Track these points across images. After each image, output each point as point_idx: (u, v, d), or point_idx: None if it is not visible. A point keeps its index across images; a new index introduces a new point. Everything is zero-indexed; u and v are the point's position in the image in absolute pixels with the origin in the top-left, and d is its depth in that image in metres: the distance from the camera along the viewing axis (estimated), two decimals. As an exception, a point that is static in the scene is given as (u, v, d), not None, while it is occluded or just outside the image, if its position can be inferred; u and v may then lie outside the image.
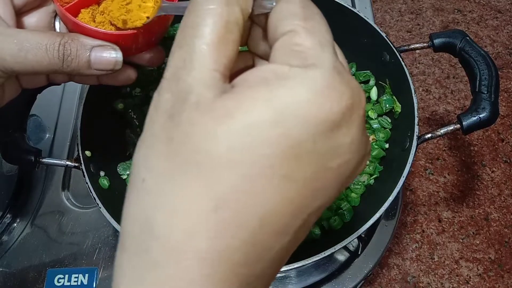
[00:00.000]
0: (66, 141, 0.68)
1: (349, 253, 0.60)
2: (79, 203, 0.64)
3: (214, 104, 0.17)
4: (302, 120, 0.17)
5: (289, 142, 0.17)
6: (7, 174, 0.64)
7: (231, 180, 0.17)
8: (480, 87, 0.50)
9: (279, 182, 0.17)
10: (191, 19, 0.19)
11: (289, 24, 0.19)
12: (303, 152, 0.17)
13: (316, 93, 0.17)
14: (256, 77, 0.18)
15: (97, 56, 0.33)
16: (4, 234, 0.61)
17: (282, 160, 0.17)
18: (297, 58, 0.18)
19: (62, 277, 0.57)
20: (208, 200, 0.17)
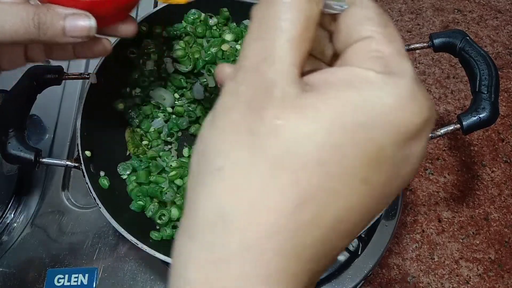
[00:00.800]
0: (66, 141, 0.68)
1: (349, 253, 0.60)
2: (79, 203, 0.64)
3: (301, 101, 0.17)
4: (387, 126, 0.17)
5: (374, 147, 0.17)
6: (7, 174, 0.64)
7: (314, 178, 0.17)
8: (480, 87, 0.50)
9: (358, 185, 0.17)
10: (271, 11, 0.18)
11: (367, 29, 0.19)
12: (383, 158, 0.17)
13: (401, 102, 0.17)
14: (338, 79, 0.18)
15: (71, 24, 0.36)
16: (4, 234, 0.61)
17: (365, 163, 0.17)
18: (379, 64, 0.18)
19: (62, 277, 0.57)
20: (291, 197, 0.17)
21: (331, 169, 0.17)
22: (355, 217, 0.18)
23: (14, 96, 0.52)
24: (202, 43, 0.63)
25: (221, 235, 0.17)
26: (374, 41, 0.19)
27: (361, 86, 0.18)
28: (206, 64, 0.61)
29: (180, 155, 0.61)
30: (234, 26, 0.66)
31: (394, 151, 0.18)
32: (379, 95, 0.17)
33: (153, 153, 0.59)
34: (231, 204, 0.17)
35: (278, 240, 0.16)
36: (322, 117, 0.17)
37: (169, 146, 0.61)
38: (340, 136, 0.17)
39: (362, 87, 0.17)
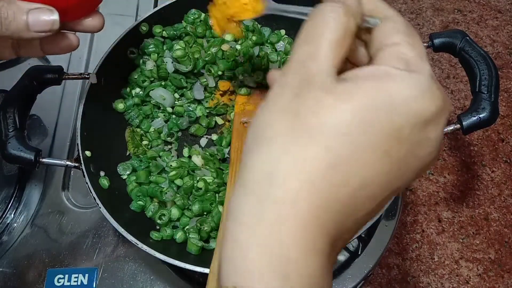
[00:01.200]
0: (66, 141, 0.68)
1: (349, 253, 0.60)
2: (79, 203, 0.64)
3: (336, 87, 0.22)
4: (406, 111, 0.21)
5: (395, 126, 0.21)
6: (7, 174, 0.64)
7: (345, 146, 0.21)
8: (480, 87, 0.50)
9: (381, 155, 0.21)
10: (318, 22, 0.24)
11: (396, 38, 0.24)
12: (402, 137, 0.22)
13: (419, 92, 0.22)
14: (369, 73, 0.23)
15: (35, 18, 0.36)
16: (4, 234, 0.61)
17: (387, 138, 0.21)
18: (403, 63, 0.23)
19: (62, 277, 0.57)
20: (325, 160, 0.21)
21: (358, 140, 0.21)
22: (378, 183, 0.22)
23: (14, 96, 0.52)
24: (202, 43, 0.63)
25: (267, 186, 0.21)
26: (401, 47, 0.24)
27: (386, 78, 0.22)
28: (206, 64, 0.61)
29: (180, 155, 0.61)
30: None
31: (411, 132, 0.22)
32: (401, 86, 0.22)
33: (153, 153, 0.59)
34: (275, 164, 0.21)
35: (311, 193, 0.21)
36: (352, 100, 0.21)
37: (169, 146, 0.61)
38: (366, 115, 0.21)
39: (387, 78, 0.22)
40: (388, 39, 0.25)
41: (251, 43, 0.63)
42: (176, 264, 0.47)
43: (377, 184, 0.22)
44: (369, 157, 0.21)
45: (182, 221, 0.54)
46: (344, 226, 0.22)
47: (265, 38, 0.65)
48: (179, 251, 0.52)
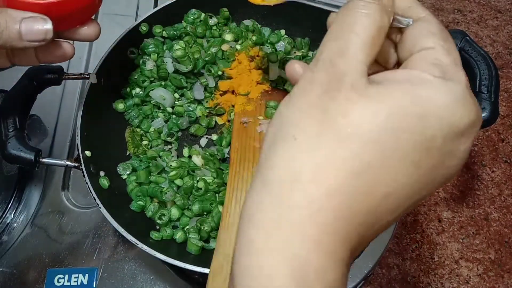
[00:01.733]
0: (66, 141, 0.68)
1: (349, 253, 0.59)
2: (79, 203, 0.64)
3: (367, 89, 0.21)
4: (440, 120, 0.20)
5: (427, 135, 0.20)
6: (7, 174, 0.64)
7: (372, 153, 0.20)
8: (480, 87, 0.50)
9: (409, 166, 0.20)
10: (349, 18, 0.22)
11: (430, 41, 0.23)
12: (433, 147, 0.21)
13: (454, 102, 0.21)
14: (401, 77, 0.22)
15: (27, 27, 0.35)
16: (4, 234, 0.61)
17: (417, 148, 0.20)
18: (437, 70, 0.22)
19: (62, 277, 0.57)
20: (350, 167, 0.20)
21: (387, 148, 0.20)
22: (402, 195, 0.21)
23: (14, 96, 0.52)
24: (202, 43, 0.63)
25: (289, 188, 0.20)
26: (435, 52, 0.23)
27: (420, 84, 0.21)
28: (206, 64, 0.61)
29: (180, 155, 0.61)
30: (234, 26, 0.66)
31: (443, 143, 0.21)
32: (436, 94, 0.21)
33: (153, 153, 0.59)
34: (300, 165, 0.20)
35: (335, 201, 0.20)
36: (384, 104, 0.20)
37: (169, 146, 0.61)
38: (398, 121, 0.20)
39: (421, 85, 0.21)
40: (421, 42, 0.23)
41: (251, 43, 0.63)
42: (176, 264, 0.47)
43: (401, 195, 0.21)
44: (397, 166, 0.20)
45: (182, 221, 0.54)
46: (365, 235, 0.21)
47: (265, 38, 0.65)
48: (179, 251, 0.52)
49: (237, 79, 0.62)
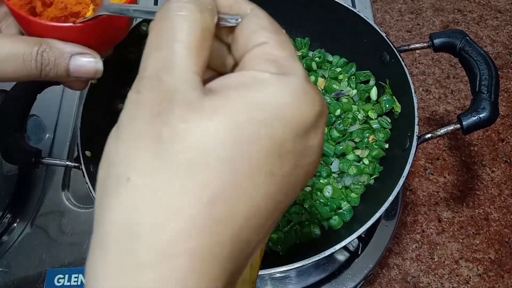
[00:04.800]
0: (66, 141, 0.68)
1: (349, 253, 0.60)
2: (79, 203, 0.64)
3: (202, 104, 0.18)
4: (285, 122, 0.18)
5: (275, 142, 0.18)
6: (7, 174, 0.64)
7: (222, 176, 0.17)
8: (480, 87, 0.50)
9: (264, 177, 0.18)
10: (166, 24, 0.20)
11: (262, 36, 0.21)
12: (284, 151, 0.19)
13: (296, 98, 0.19)
14: (237, 81, 0.19)
15: (76, 65, 0.33)
16: (4, 234, 0.61)
17: (268, 157, 0.18)
18: (273, 66, 0.20)
19: (62, 277, 0.57)
20: (200, 197, 0.17)
21: (236, 165, 0.17)
22: (266, 210, 0.18)
23: (14, 96, 0.52)
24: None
25: (130, 245, 0.17)
26: (268, 46, 0.20)
27: (257, 86, 0.19)
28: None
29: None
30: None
31: (294, 144, 0.19)
32: (274, 93, 0.19)
33: (153, 153, 0.59)
34: (138, 213, 0.17)
35: (189, 243, 0.16)
36: (222, 117, 0.18)
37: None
38: (241, 133, 0.17)
39: (258, 87, 0.19)
40: (253, 39, 0.21)
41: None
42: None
43: (264, 211, 0.18)
44: (252, 182, 0.18)
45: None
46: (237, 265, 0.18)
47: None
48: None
49: None
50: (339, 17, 0.61)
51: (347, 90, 0.62)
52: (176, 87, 0.18)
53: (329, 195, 0.56)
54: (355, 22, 0.59)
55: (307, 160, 0.20)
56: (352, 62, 0.64)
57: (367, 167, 0.56)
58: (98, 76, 0.34)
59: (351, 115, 0.59)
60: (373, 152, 0.57)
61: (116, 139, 0.19)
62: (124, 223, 0.17)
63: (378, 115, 0.60)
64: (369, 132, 0.59)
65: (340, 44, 0.65)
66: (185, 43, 0.19)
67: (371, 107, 0.60)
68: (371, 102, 0.62)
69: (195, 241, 0.17)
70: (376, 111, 0.60)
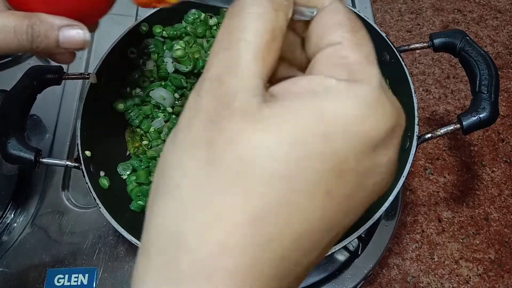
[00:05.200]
0: (66, 141, 0.68)
1: (349, 253, 0.60)
2: (79, 203, 0.64)
3: (261, 112, 0.17)
4: (349, 136, 0.17)
5: (336, 159, 0.16)
6: (7, 174, 0.64)
7: (273, 193, 0.16)
8: (480, 87, 0.50)
9: (322, 198, 0.17)
10: (237, 21, 0.18)
11: (337, 35, 0.19)
12: (347, 169, 0.17)
13: (364, 110, 0.17)
14: (301, 88, 0.18)
15: (65, 36, 0.35)
16: (4, 234, 0.61)
17: (327, 176, 0.16)
18: (345, 71, 0.18)
19: (62, 277, 0.57)
20: (246, 212, 0.16)
21: (292, 182, 0.16)
22: (320, 231, 0.17)
23: (14, 96, 0.52)
24: (202, 43, 0.63)
25: (173, 254, 0.16)
26: (342, 47, 0.19)
27: (323, 95, 0.17)
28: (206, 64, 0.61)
29: (180, 155, 0.61)
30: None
31: (357, 162, 0.17)
32: (341, 104, 0.17)
33: (153, 153, 0.59)
34: (185, 223, 0.16)
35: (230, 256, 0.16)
36: (282, 130, 0.16)
37: (169, 146, 0.61)
38: (300, 148, 0.16)
39: (324, 95, 0.17)
40: (327, 37, 0.19)
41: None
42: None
43: (317, 232, 0.17)
44: (306, 202, 0.16)
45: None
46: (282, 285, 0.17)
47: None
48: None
49: None
50: (339, 17, 0.61)
51: (347, 90, 0.62)
52: (235, 92, 0.17)
53: (329, 195, 0.56)
54: (355, 22, 0.59)
55: (373, 179, 0.18)
56: (352, 62, 0.64)
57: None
58: (86, 46, 0.36)
59: (351, 115, 0.59)
60: (373, 152, 0.57)
61: (172, 143, 0.18)
62: (169, 231, 0.16)
63: (378, 115, 0.60)
64: (369, 132, 0.59)
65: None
66: (253, 44, 0.18)
67: (371, 107, 0.60)
68: (371, 102, 0.62)
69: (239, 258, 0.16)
70: (376, 111, 0.60)
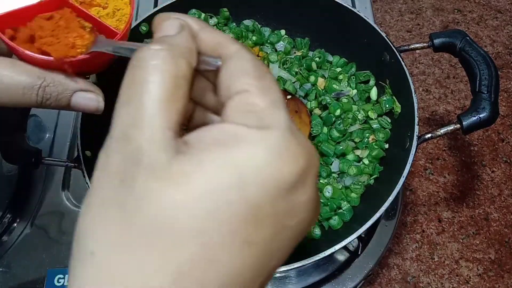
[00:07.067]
0: (66, 141, 0.68)
1: (349, 253, 0.60)
2: (79, 203, 0.64)
3: (170, 167, 0.16)
4: (261, 183, 0.17)
5: (250, 207, 0.16)
6: (7, 174, 0.64)
7: (191, 250, 0.16)
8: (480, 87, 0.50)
9: (240, 248, 0.16)
10: (137, 75, 0.18)
11: (243, 82, 0.19)
12: (263, 215, 0.17)
13: (274, 155, 0.17)
14: (212, 138, 0.18)
15: (78, 102, 0.32)
16: (4, 234, 0.61)
17: (243, 225, 0.16)
18: (253, 118, 0.18)
19: (62, 277, 0.57)
20: (166, 274, 0.15)
21: (208, 237, 0.16)
22: (244, 280, 0.17)
23: (14, 96, 0.52)
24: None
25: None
26: (250, 95, 0.19)
27: (233, 144, 0.17)
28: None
29: (180, 155, 0.61)
30: (234, 26, 0.66)
31: (273, 206, 0.17)
32: (251, 152, 0.17)
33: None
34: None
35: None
36: (193, 184, 0.16)
37: (169, 146, 0.61)
38: (213, 201, 0.16)
39: (234, 145, 0.17)
40: (235, 85, 0.19)
41: (251, 43, 0.63)
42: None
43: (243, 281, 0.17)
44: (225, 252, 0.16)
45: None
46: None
47: (265, 39, 0.65)
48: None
49: None
50: (339, 17, 0.61)
51: (347, 90, 0.62)
52: (142, 149, 0.17)
53: (329, 195, 0.56)
54: (355, 22, 0.59)
55: (295, 219, 0.18)
56: (352, 62, 0.64)
57: (367, 167, 0.56)
58: (99, 112, 0.34)
59: (351, 115, 0.59)
60: (373, 152, 0.57)
61: (86, 206, 0.17)
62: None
63: (378, 115, 0.60)
64: (369, 132, 0.59)
65: (340, 44, 0.64)
66: (156, 96, 0.18)
67: (371, 107, 0.60)
68: (371, 102, 0.62)
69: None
70: (376, 111, 0.60)
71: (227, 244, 0.16)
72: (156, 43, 0.19)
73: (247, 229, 0.16)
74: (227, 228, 0.16)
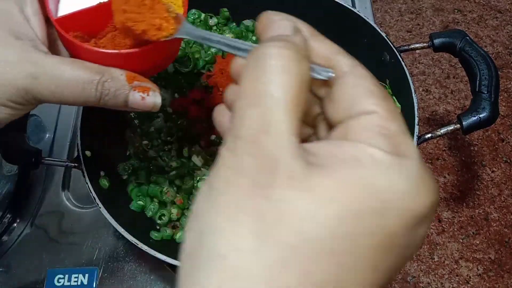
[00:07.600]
0: (66, 141, 0.68)
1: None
2: (79, 203, 0.64)
3: (310, 180, 0.16)
4: (401, 213, 0.17)
5: (386, 235, 0.16)
6: (7, 174, 0.64)
7: (326, 269, 0.16)
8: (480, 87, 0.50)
9: (367, 273, 0.16)
10: (261, 75, 0.18)
11: (370, 103, 0.19)
12: (394, 245, 0.17)
13: (413, 186, 0.17)
14: (347, 155, 0.17)
15: (136, 98, 0.32)
16: (4, 234, 0.61)
17: (376, 251, 0.16)
18: (387, 143, 0.18)
19: (62, 277, 0.57)
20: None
21: (342, 258, 0.16)
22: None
23: (14, 96, 0.52)
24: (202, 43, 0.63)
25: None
26: (378, 117, 0.18)
27: (372, 166, 0.17)
28: (206, 64, 0.61)
29: (180, 155, 0.61)
30: (234, 26, 0.66)
31: (404, 237, 0.17)
32: (392, 178, 0.17)
33: (153, 153, 0.59)
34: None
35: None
36: (334, 201, 0.16)
37: (169, 146, 0.61)
38: (352, 223, 0.16)
39: (373, 168, 0.17)
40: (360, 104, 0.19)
41: (251, 43, 0.63)
42: (176, 264, 0.47)
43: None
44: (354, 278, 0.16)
45: (182, 221, 0.54)
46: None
47: (265, 38, 0.66)
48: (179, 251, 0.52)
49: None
50: (339, 17, 0.61)
51: (347, 90, 0.62)
52: (276, 156, 0.17)
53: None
54: (355, 22, 0.59)
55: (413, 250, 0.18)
56: (352, 62, 0.64)
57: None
58: (156, 110, 0.33)
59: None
60: (373, 152, 0.57)
61: (210, 202, 0.17)
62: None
63: (378, 115, 0.60)
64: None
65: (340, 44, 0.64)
66: (283, 101, 0.17)
67: (371, 107, 0.60)
68: (371, 102, 0.62)
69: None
70: (376, 111, 0.60)
71: (359, 268, 0.16)
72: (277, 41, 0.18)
73: (379, 256, 0.17)
74: (362, 252, 0.16)
